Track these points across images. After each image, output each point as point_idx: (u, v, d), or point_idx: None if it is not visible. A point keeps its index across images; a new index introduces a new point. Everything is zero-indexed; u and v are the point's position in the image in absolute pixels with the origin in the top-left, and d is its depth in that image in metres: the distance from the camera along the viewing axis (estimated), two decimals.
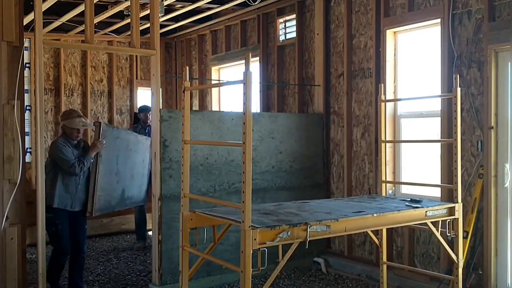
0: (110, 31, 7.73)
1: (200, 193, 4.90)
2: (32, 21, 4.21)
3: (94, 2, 4.84)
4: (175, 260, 4.79)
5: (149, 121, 6.40)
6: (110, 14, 6.61)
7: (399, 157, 5.42)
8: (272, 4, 6.75)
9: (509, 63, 4.35)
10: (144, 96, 8.75)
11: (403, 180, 5.33)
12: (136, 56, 8.62)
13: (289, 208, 3.53)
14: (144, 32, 5.97)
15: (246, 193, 2.72)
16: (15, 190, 3.89)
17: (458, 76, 3.94)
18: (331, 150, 6.05)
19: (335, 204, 3.82)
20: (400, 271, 5.04)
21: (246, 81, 2.68)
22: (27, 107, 7.19)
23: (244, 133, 2.68)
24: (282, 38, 6.84)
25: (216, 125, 5.22)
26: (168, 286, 4.91)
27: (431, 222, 3.75)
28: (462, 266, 3.84)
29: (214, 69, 8.27)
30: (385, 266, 4.32)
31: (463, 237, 4.11)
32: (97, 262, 6.23)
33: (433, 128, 5.05)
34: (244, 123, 2.69)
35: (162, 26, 7.50)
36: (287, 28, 6.77)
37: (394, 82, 5.42)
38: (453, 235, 3.85)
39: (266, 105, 7.06)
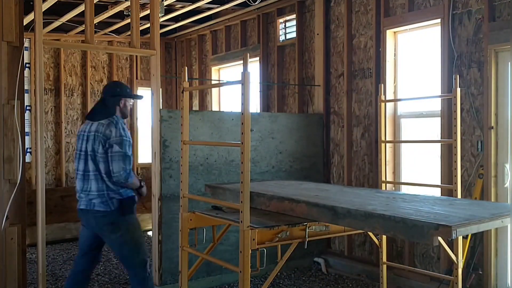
0: (110, 31, 7.73)
1: (200, 193, 4.90)
2: (32, 21, 4.21)
3: (94, 2, 4.84)
4: (175, 260, 4.80)
5: None
6: (110, 14, 6.61)
7: (399, 157, 5.41)
8: (272, 4, 6.75)
9: (509, 63, 4.35)
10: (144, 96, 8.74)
11: (403, 180, 5.33)
12: (136, 56, 8.62)
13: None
14: (144, 32, 5.97)
15: (245, 193, 2.72)
16: (15, 190, 3.88)
17: (458, 76, 3.94)
18: (331, 150, 6.05)
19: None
20: (400, 271, 5.04)
21: (244, 82, 2.68)
22: (27, 107, 7.19)
23: (242, 133, 2.69)
24: (282, 38, 6.84)
25: (216, 125, 5.22)
26: (168, 286, 4.92)
27: None
28: (462, 266, 3.83)
29: (214, 69, 8.27)
30: (385, 266, 4.32)
31: (463, 237, 4.11)
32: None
33: (433, 128, 5.05)
34: (242, 123, 2.69)
35: (162, 26, 7.50)
36: (287, 28, 6.77)
37: (394, 82, 5.42)
38: None
39: (266, 105, 7.06)
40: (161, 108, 5.01)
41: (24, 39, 4.11)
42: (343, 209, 2.80)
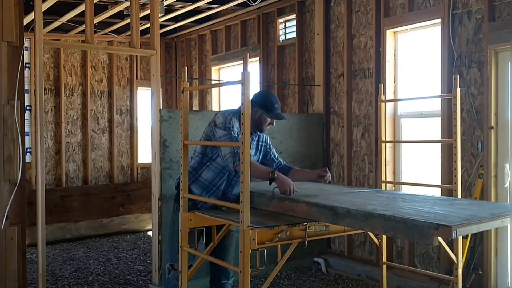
0: (110, 31, 7.73)
1: None
2: (32, 21, 4.21)
3: (94, 2, 4.84)
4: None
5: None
6: (110, 14, 6.60)
7: (399, 157, 5.41)
8: (272, 4, 6.75)
9: (509, 63, 4.35)
10: (144, 96, 8.76)
11: (403, 180, 5.33)
12: (136, 56, 8.62)
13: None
14: (144, 32, 5.97)
15: (245, 193, 2.72)
16: (15, 190, 3.89)
17: (458, 76, 3.94)
18: (331, 150, 6.05)
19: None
20: (400, 271, 5.04)
21: (244, 82, 2.68)
22: (27, 107, 7.19)
23: (242, 133, 2.68)
24: (282, 38, 6.84)
25: None
26: None
27: None
28: (462, 266, 3.83)
29: (214, 69, 8.26)
30: (385, 266, 4.31)
31: (463, 237, 4.11)
32: (97, 262, 6.23)
33: (433, 128, 5.05)
34: (242, 124, 2.68)
35: (162, 26, 7.49)
36: (287, 28, 6.77)
37: (394, 82, 5.42)
38: None
39: None
40: (161, 108, 5.01)
41: (24, 39, 4.11)
42: (343, 209, 2.80)
